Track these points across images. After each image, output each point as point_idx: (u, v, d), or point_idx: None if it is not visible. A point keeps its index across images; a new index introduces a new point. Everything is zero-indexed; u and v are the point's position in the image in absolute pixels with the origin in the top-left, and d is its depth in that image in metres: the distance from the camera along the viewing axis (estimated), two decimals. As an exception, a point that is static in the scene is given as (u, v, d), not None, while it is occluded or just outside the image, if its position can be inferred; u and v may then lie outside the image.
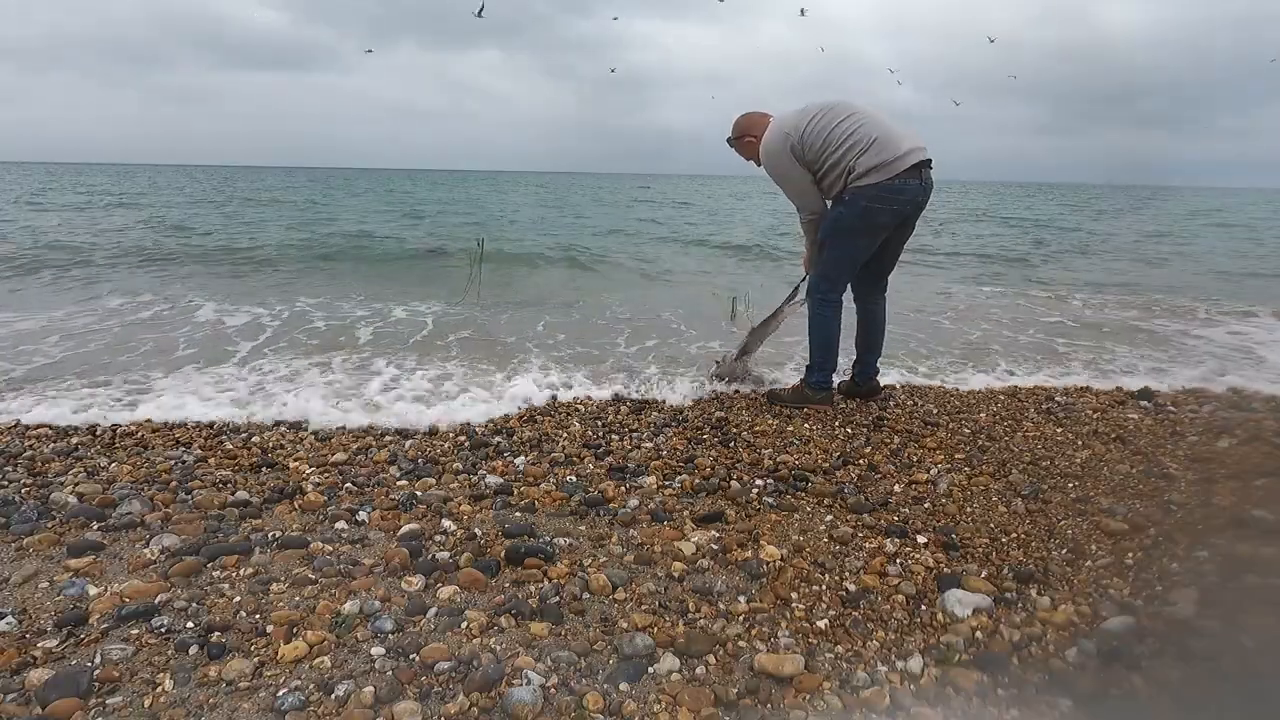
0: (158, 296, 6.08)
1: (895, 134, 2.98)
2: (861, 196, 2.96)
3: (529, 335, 4.88)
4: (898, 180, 2.94)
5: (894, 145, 2.94)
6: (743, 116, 3.30)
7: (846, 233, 3.08)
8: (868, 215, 3.00)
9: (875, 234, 3.09)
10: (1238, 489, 2.32)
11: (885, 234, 3.11)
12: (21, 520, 2.02)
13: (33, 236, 10.16)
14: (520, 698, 1.33)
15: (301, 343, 4.55)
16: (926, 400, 3.46)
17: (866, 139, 2.95)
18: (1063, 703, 1.36)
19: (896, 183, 2.94)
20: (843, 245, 3.13)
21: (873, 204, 2.97)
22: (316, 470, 2.49)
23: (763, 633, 1.58)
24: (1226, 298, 7.18)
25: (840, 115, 3.01)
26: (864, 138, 2.95)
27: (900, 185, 2.95)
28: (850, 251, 3.14)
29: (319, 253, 9.50)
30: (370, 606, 1.62)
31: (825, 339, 3.26)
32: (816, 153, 3.02)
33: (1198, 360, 4.48)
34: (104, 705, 1.32)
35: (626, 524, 2.08)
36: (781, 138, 3.05)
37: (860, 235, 3.08)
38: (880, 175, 2.92)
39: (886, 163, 2.93)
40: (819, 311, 3.26)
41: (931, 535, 2.02)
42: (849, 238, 3.10)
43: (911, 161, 2.95)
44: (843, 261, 3.17)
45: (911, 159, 2.95)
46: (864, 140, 2.95)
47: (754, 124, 3.26)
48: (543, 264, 9.09)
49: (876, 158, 2.93)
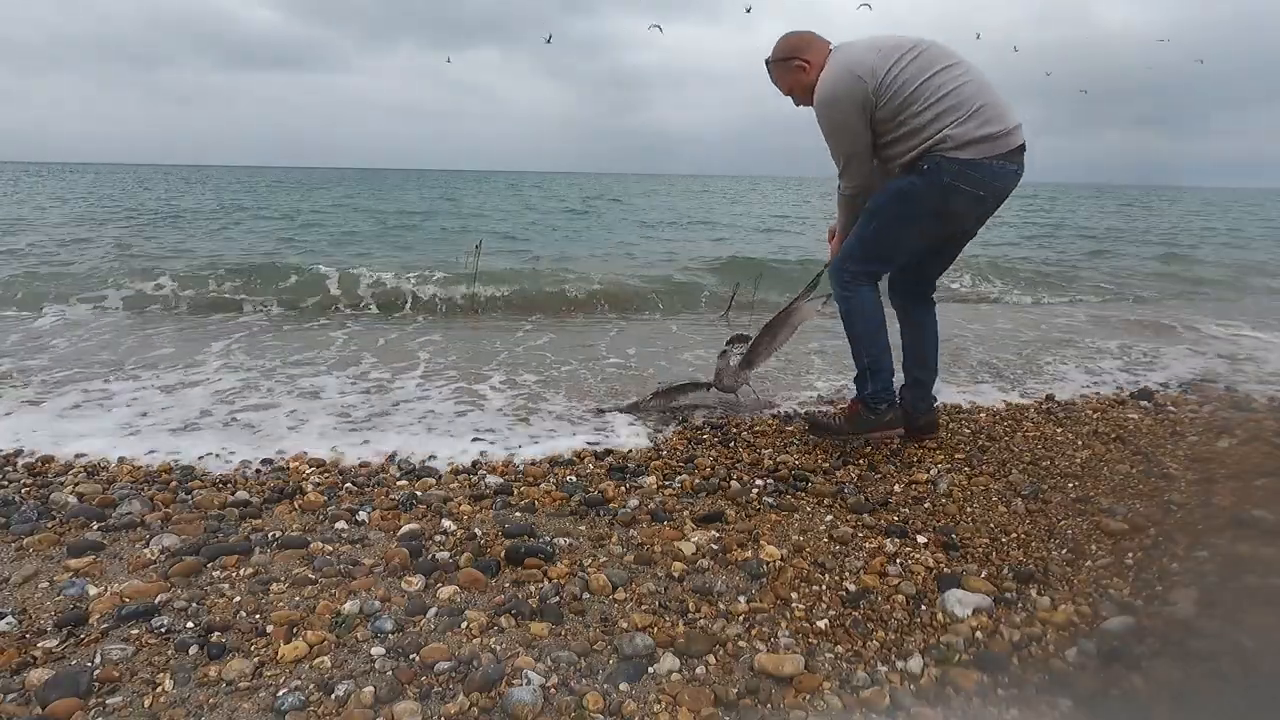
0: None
1: (1001, 101, 2.32)
2: (946, 170, 2.27)
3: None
4: (996, 162, 2.28)
5: (1002, 116, 2.29)
6: (793, 34, 2.50)
7: (911, 209, 2.36)
8: (947, 196, 2.30)
9: (945, 222, 2.41)
10: (1238, 489, 2.32)
11: (956, 226, 2.46)
12: (21, 520, 2.02)
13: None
14: (520, 698, 1.33)
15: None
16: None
17: (970, 103, 2.26)
18: (1063, 703, 1.36)
19: (995, 165, 2.28)
20: (898, 222, 2.40)
21: (958, 183, 2.28)
22: (316, 470, 2.49)
23: (763, 633, 1.58)
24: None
25: (936, 63, 2.29)
26: (967, 100, 2.26)
27: (998, 169, 2.30)
28: (904, 233, 2.43)
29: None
30: (370, 606, 1.62)
31: (869, 324, 2.51)
32: (895, 110, 2.28)
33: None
34: (104, 705, 1.32)
35: (626, 524, 2.08)
36: (852, 80, 2.29)
37: (927, 218, 2.37)
38: (978, 151, 2.26)
39: (991, 137, 2.26)
40: (849, 295, 2.52)
41: (931, 535, 2.02)
42: (910, 217, 2.38)
43: (1017, 142, 2.32)
44: (888, 243, 2.46)
45: (1017, 138, 2.32)
46: (967, 104, 2.26)
47: (809, 46, 2.46)
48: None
49: (980, 129, 2.25)
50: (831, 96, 2.33)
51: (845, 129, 2.35)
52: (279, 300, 6.22)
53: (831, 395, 3.53)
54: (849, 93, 2.29)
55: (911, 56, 2.29)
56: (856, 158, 2.41)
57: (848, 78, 2.29)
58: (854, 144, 2.38)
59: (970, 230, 2.53)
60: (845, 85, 2.30)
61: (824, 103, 2.35)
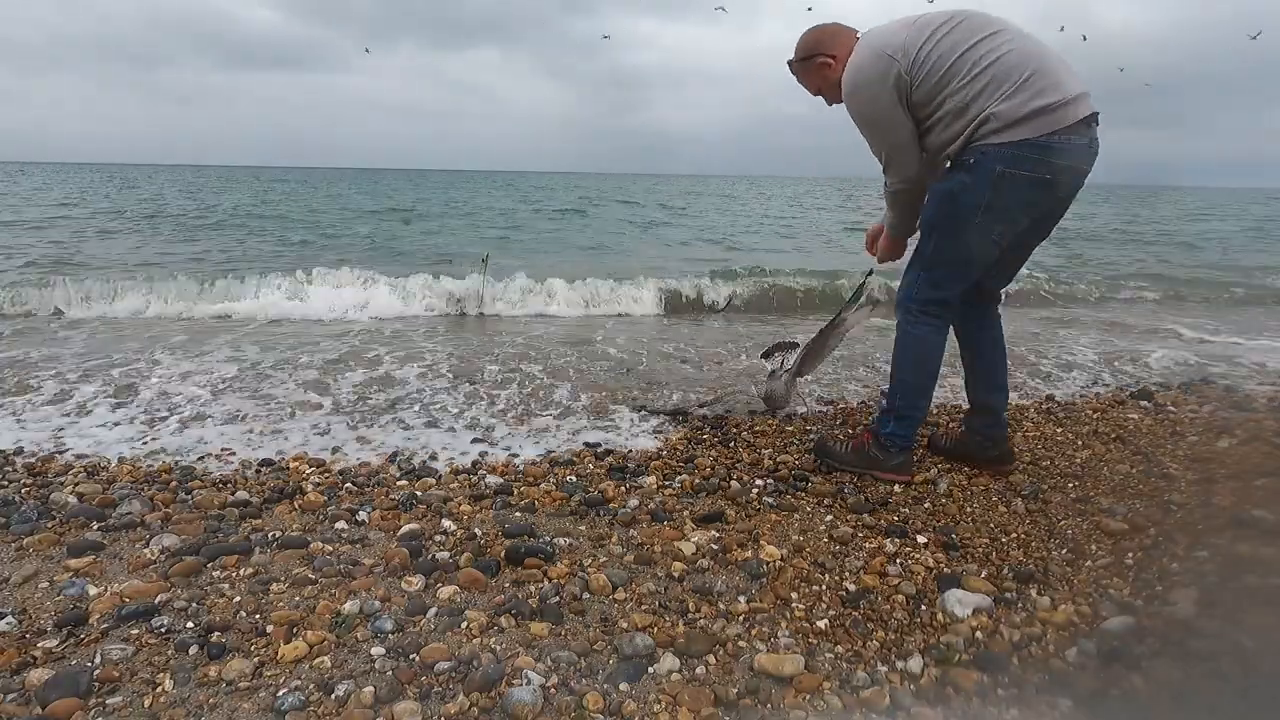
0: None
1: (1057, 67, 2.00)
2: (995, 158, 1.99)
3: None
4: (1058, 138, 1.97)
5: (1057, 84, 1.97)
6: (814, 29, 2.28)
7: (967, 212, 2.07)
8: (1002, 188, 2.01)
9: (1012, 218, 2.08)
10: (1238, 489, 2.32)
11: (1028, 220, 2.12)
12: (21, 520, 2.02)
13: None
14: (520, 698, 1.33)
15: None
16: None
17: (1017, 72, 1.97)
18: (1063, 703, 1.36)
19: (1057, 141, 1.97)
20: (959, 234, 2.11)
21: (1013, 170, 1.99)
22: (316, 470, 2.49)
23: (763, 633, 1.58)
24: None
25: (976, 32, 2.02)
26: (1014, 70, 1.97)
27: (1061, 145, 1.98)
28: (970, 242, 2.11)
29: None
30: (370, 606, 1.62)
31: (919, 372, 2.27)
32: (932, 90, 2.03)
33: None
34: (104, 705, 1.32)
35: (626, 524, 2.08)
36: (881, 62, 2.05)
37: (990, 218, 2.06)
38: (1032, 129, 1.96)
39: (1047, 109, 1.96)
40: (912, 330, 2.24)
41: (931, 535, 2.02)
42: (968, 222, 2.08)
43: (1082, 113, 1.99)
44: (956, 259, 2.16)
45: (1081, 108, 1.99)
46: (1014, 73, 1.97)
47: (833, 39, 2.23)
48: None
49: (1031, 101, 1.96)
50: (859, 80, 2.09)
51: (879, 118, 2.10)
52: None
53: (832, 397, 3.53)
54: (880, 76, 2.05)
55: (948, 29, 2.04)
56: (898, 149, 2.12)
57: (876, 60, 2.06)
58: (893, 134, 2.11)
59: (1049, 223, 2.20)
60: (874, 69, 2.06)
61: (852, 92, 2.12)
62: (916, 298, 2.22)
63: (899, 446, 2.33)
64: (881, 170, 2.22)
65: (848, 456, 2.43)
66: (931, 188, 2.18)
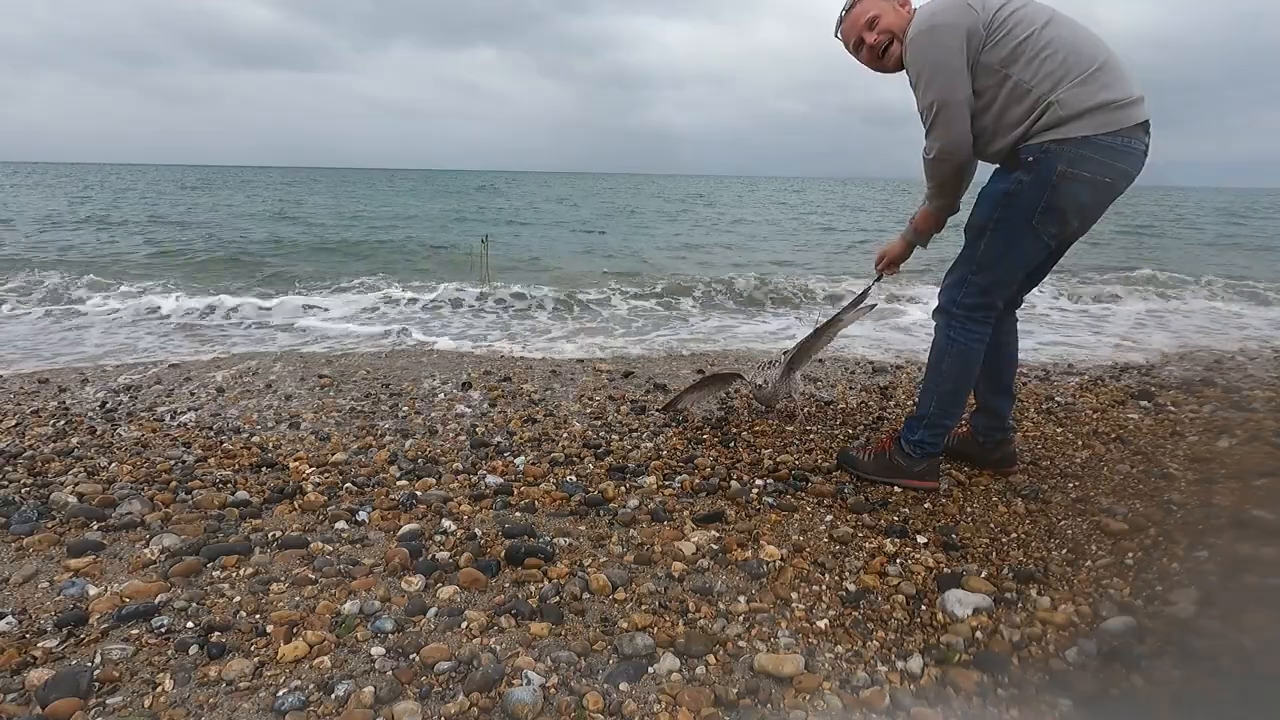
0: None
1: (1123, 64, 1.94)
2: (1058, 157, 1.90)
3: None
4: (1121, 139, 1.90)
5: (1124, 80, 1.91)
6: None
7: (1024, 217, 1.98)
8: (1061, 189, 1.92)
9: (1067, 220, 2.00)
10: (1238, 489, 2.32)
11: (1078, 222, 2.05)
12: (21, 520, 2.02)
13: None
14: (520, 698, 1.33)
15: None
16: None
17: (1089, 60, 1.89)
18: (1063, 703, 1.36)
19: (1120, 141, 1.90)
20: (1014, 237, 2.02)
21: (1074, 169, 1.90)
22: (316, 470, 2.49)
23: (763, 633, 1.58)
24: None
25: (1046, 13, 1.96)
26: (1084, 58, 1.89)
27: (1123, 146, 1.91)
28: (1024, 247, 2.04)
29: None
30: (370, 606, 1.62)
31: (960, 380, 2.19)
32: (1004, 57, 1.93)
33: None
34: (104, 705, 1.32)
35: (626, 524, 2.08)
36: (962, 10, 1.95)
37: (1045, 221, 1.99)
38: (1097, 124, 1.87)
39: (1115, 104, 1.88)
40: (958, 337, 2.15)
41: (931, 535, 2.02)
42: (1025, 225, 2.00)
43: (1143, 116, 1.94)
44: (1008, 263, 2.08)
45: (1143, 110, 1.94)
46: (1088, 61, 1.89)
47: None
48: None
49: (1101, 94, 1.87)
50: (933, 25, 1.96)
51: (942, 66, 1.94)
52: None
53: (832, 398, 3.53)
54: (957, 19, 1.93)
55: (1024, 1, 1.97)
56: (949, 107, 1.96)
57: (957, 5, 1.95)
58: (949, 88, 1.95)
59: (1085, 230, 2.12)
60: (952, 11, 1.94)
61: (922, 30, 1.97)
62: (963, 303, 2.13)
63: (924, 453, 2.27)
64: (924, 133, 2.07)
65: (869, 465, 2.38)
66: (981, 191, 2.10)
